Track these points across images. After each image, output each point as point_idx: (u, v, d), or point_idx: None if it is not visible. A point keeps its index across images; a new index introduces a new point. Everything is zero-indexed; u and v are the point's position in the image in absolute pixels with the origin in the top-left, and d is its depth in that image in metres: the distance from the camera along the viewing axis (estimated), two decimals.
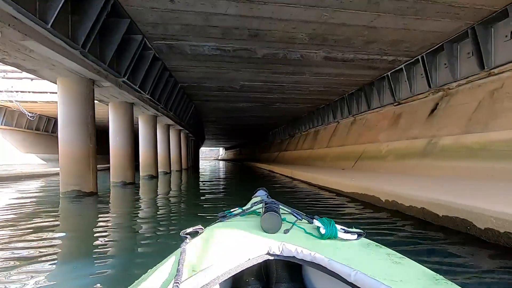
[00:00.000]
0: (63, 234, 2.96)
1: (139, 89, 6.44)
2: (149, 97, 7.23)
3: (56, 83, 4.84)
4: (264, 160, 23.25)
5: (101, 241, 2.71)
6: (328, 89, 10.07)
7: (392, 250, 0.83)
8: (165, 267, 0.73)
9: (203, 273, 0.67)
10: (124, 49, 5.44)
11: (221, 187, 7.52)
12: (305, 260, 0.76)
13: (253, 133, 28.21)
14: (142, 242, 2.72)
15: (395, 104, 8.32)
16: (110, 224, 3.44)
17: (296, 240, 0.83)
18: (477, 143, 4.43)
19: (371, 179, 4.96)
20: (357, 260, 0.74)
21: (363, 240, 0.90)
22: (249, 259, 0.76)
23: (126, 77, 5.61)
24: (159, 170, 10.51)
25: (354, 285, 0.65)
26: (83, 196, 4.78)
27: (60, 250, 2.44)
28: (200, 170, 16.61)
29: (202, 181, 9.27)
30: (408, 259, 0.77)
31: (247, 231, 0.92)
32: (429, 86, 6.75)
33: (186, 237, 0.88)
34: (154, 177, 9.08)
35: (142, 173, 8.97)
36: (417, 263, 0.75)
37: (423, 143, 5.80)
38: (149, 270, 0.77)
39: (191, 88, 9.69)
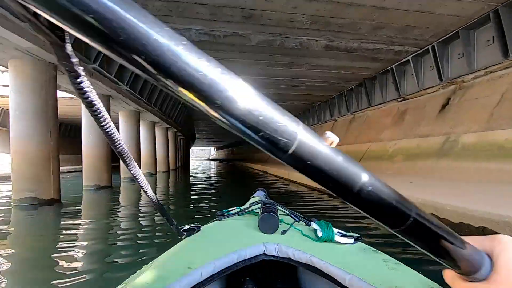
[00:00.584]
0: None
1: (115, 79, 5.61)
2: (129, 90, 6.40)
3: (7, 67, 3.98)
4: (257, 160, 22.54)
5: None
6: (326, 84, 9.41)
7: (388, 256, 0.82)
8: (161, 264, 0.74)
9: (198, 270, 0.67)
10: None
11: (212, 189, 6.76)
12: (301, 262, 0.76)
13: None
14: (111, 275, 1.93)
15: (399, 99, 7.70)
16: (67, 245, 2.62)
17: (293, 242, 0.84)
18: (509, 141, 3.79)
19: (391, 183, 4.21)
20: (353, 264, 0.74)
21: (360, 244, 0.89)
22: (245, 259, 0.76)
23: (97, 64, 4.78)
24: (143, 171, 9.64)
25: None
26: (40, 204, 3.93)
27: None
28: (190, 171, 15.77)
29: (190, 184, 8.47)
30: (404, 265, 0.76)
31: (244, 231, 0.93)
32: (440, 79, 6.14)
33: (183, 234, 0.88)
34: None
35: (123, 175, 8.11)
36: (413, 270, 0.74)
37: (438, 141, 5.16)
38: (144, 266, 0.77)
39: None
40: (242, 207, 1.20)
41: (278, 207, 1.07)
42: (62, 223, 3.42)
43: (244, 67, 7.54)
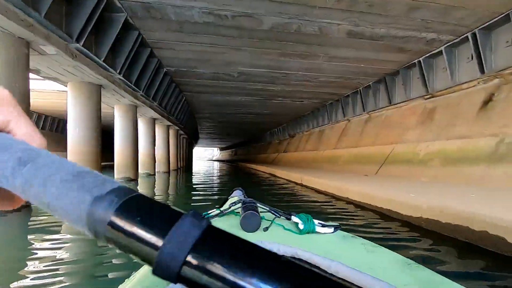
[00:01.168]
0: None
1: (106, 65, 4.85)
2: (123, 79, 5.63)
3: None
4: (261, 161, 21.71)
5: None
6: (342, 80, 8.59)
7: (366, 240, 0.87)
8: (145, 274, 0.72)
9: None
10: (78, 4, 3.87)
11: (215, 194, 5.97)
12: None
13: (250, 133, 26.66)
14: None
15: (426, 97, 6.86)
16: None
17: (276, 237, 0.87)
18: None
19: (441, 194, 3.36)
20: (335, 251, 0.79)
21: (340, 232, 0.93)
22: None
23: (81, 44, 4.02)
24: (140, 172, 8.88)
25: (334, 275, 0.65)
26: None
27: None
28: (192, 172, 14.99)
29: (190, 186, 7.69)
30: (381, 247, 0.81)
31: None
32: (482, 72, 5.29)
33: None
34: (132, 180, 7.45)
35: (117, 174, 7.35)
36: (390, 250, 0.79)
37: (489, 144, 4.31)
38: (133, 273, 0.76)
39: (179, 74, 8.10)
40: (221, 208, 1.18)
41: (258, 204, 1.09)
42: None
43: (253, 57, 6.75)
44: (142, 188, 6.83)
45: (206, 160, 65.87)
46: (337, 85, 9.26)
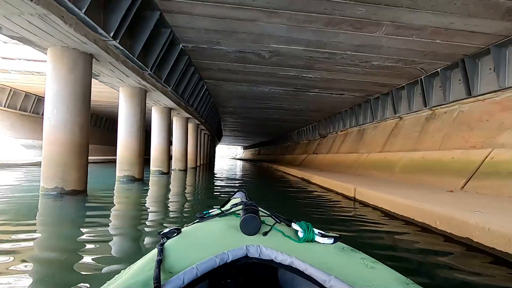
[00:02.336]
0: None
1: (91, 22, 3.48)
2: (120, 47, 4.28)
3: None
4: (287, 163, 20.02)
5: None
6: (400, 65, 6.74)
7: (366, 255, 0.84)
8: (141, 268, 0.70)
9: (180, 275, 0.65)
10: None
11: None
12: (282, 264, 0.76)
13: (276, 131, 25.00)
14: None
15: None
16: None
17: (274, 243, 0.84)
18: None
19: None
20: (333, 264, 0.76)
21: (339, 244, 0.91)
22: (226, 261, 0.75)
23: None
24: (151, 169, 7.60)
25: None
26: None
27: None
28: (211, 171, 13.66)
29: (209, 189, 6.27)
30: (381, 263, 0.78)
31: (225, 233, 0.92)
32: None
33: (163, 237, 0.86)
34: (135, 179, 6.15)
35: (118, 173, 6.09)
36: (390, 268, 0.76)
37: None
38: (122, 271, 0.74)
39: (199, 54, 6.68)
40: (223, 209, 1.16)
41: (260, 208, 1.07)
42: None
43: (291, 28, 5.14)
44: (143, 190, 5.49)
45: (229, 158, 65.14)
46: (391, 73, 7.40)
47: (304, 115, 14.87)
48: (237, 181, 8.25)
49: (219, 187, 6.69)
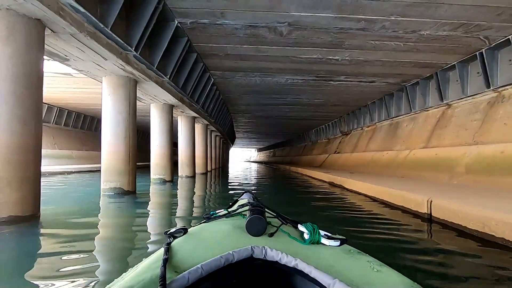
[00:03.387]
0: None
1: None
2: (83, 10, 3.01)
3: None
4: (306, 164, 18.49)
5: None
6: (458, 33, 5.20)
7: (373, 258, 0.82)
8: (147, 267, 0.71)
9: (185, 275, 0.66)
10: None
11: None
12: (287, 266, 0.76)
13: (291, 131, 23.50)
14: None
15: None
16: None
17: (280, 245, 0.84)
18: None
19: None
20: (338, 267, 0.75)
21: (346, 246, 0.90)
22: (232, 262, 0.76)
23: None
24: (152, 177, 6.38)
25: None
26: None
27: None
28: (227, 176, 12.36)
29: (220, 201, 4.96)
30: (388, 267, 0.77)
31: (231, 233, 0.92)
32: None
33: (170, 237, 0.87)
34: (125, 192, 4.88)
35: (103, 184, 4.85)
36: (396, 272, 0.75)
37: None
38: (129, 269, 0.75)
39: (199, 33, 5.37)
40: (229, 209, 1.16)
41: (266, 209, 1.06)
42: None
43: None
44: (115, 210, 4.21)
45: (244, 161, 64.03)
46: (443, 47, 5.85)
47: (324, 110, 13.36)
48: (255, 189, 6.87)
49: (235, 196, 5.35)
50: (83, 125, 15.64)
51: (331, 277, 0.66)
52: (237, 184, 8.39)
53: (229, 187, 7.67)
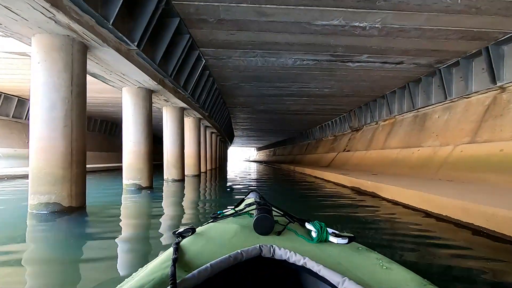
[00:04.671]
0: None
1: None
2: None
3: None
4: (311, 163, 16.93)
5: None
6: None
7: (382, 255, 0.82)
8: (157, 266, 0.71)
9: (195, 273, 0.66)
10: None
11: None
12: (296, 264, 0.76)
13: (294, 127, 21.90)
14: None
15: None
16: None
17: (288, 243, 0.84)
18: None
19: None
20: (347, 265, 0.74)
21: (354, 244, 0.89)
22: (240, 260, 0.76)
23: None
24: (124, 183, 4.80)
25: None
26: None
27: None
28: (222, 178, 10.78)
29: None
30: (397, 264, 0.76)
31: (239, 232, 0.93)
32: None
33: (178, 237, 0.88)
34: (66, 210, 3.28)
35: (31, 199, 3.24)
36: (406, 269, 0.74)
37: None
38: (139, 269, 0.75)
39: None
40: (236, 209, 1.15)
41: (273, 208, 1.06)
42: None
43: None
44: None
45: (243, 161, 62.48)
46: (508, 8, 4.28)
47: (333, 103, 11.78)
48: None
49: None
50: None
51: (340, 276, 0.66)
52: (236, 189, 6.81)
53: (226, 194, 6.09)
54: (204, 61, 6.83)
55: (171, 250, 0.79)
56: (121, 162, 5.65)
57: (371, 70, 7.54)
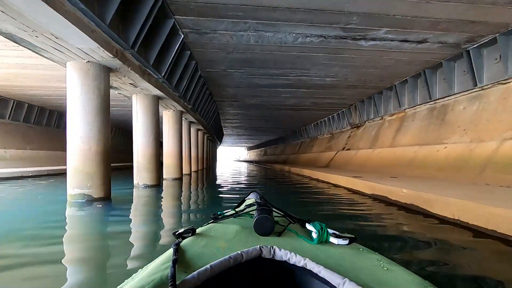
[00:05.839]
0: None
1: None
2: None
3: None
4: (306, 163, 15.69)
5: None
6: None
7: (383, 256, 0.81)
8: (157, 267, 0.70)
9: (195, 274, 0.66)
10: None
11: None
12: (296, 265, 0.76)
13: (287, 125, 20.61)
14: None
15: None
16: None
17: (288, 244, 0.84)
18: None
19: None
20: (348, 266, 0.74)
21: (355, 245, 0.88)
22: (240, 261, 0.75)
23: None
24: (69, 193, 3.36)
25: None
26: None
27: None
28: (212, 181, 9.37)
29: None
30: (398, 265, 0.75)
31: (239, 233, 0.92)
32: None
33: (178, 238, 0.87)
34: None
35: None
36: (406, 270, 0.73)
37: None
38: (139, 270, 0.74)
39: None
40: (237, 209, 1.14)
41: (273, 209, 1.05)
42: None
43: None
44: None
45: (233, 160, 60.98)
46: None
47: (333, 96, 10.52)
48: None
49: None
50: (29, 118, 12.22)
51: (341, 277, 0.65)
52: (226, 198, 5.43)
53: (214, 204, 4.71)
54: (182, 36, 5.41)
55: (171, 251, 0.79)
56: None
57: (385, 53, 6.29)
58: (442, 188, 3.99)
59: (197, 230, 0.93)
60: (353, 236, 0.90)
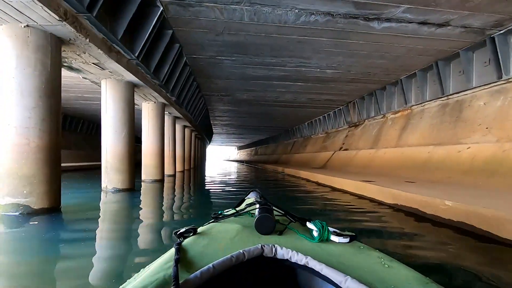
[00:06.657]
0: None
1: None
2: None
3: None
4: (300, 164, 14.86)
5: None
6: None
7: (383, 254, 0.81)
8: (159, 267, 0.70)
9: (197, 273, 0.65)
10: None
11: None
12: (298, 264, 0.75)
13: (279, 123, 19.74)
14: None
15: None
16: None
17: (289, 243, 0.84)
18: None
19: None
20: (349, 264, 0.74)
21: (356, 243, 0.88)
22: (242, 260, 0.75)
23: None
24: (2, 202, 2.30)
25: None
26: None
27: None
28: (200, 182, 8.39)
29: None
30: (399, 262, 0.76)
31: (241, 232, 0.92)
32: None
33: (180, 237, 0.87)
34: None
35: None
36: (407, 267, 0.73)
37: None
38: (141, 270, 0.74)
39: None
40: (237, 209, 1.14)
41: (274, 207, 1.05)
42: None
43: None
44: None
45: (223, 160, 59.88)
46: None
47: (332, 91, 9.70)
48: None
49: None
50: None
51: (343, 274, 0.66)
52: (216, 204, 4.48)
53: (199, 215, 3.76)
54: (161, 8, 4.42)
55: (173, 250, 0.79)
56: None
57: (398, 39, 5.47)
58: (491, 198, 3.16)
59: (198, 230, 0.92)
60: (353, 234, 0.89)
